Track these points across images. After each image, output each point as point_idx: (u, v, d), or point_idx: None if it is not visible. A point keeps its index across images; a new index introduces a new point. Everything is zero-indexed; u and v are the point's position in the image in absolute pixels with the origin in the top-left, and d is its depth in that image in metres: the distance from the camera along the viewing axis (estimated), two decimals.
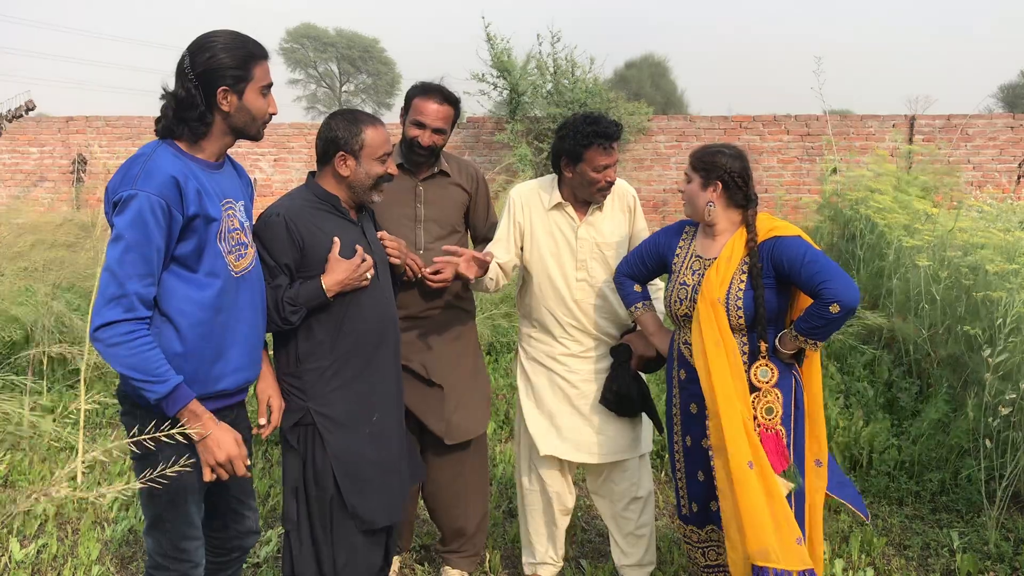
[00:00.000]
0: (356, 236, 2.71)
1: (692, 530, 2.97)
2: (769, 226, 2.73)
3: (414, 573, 3.59)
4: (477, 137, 13.83)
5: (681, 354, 2.91)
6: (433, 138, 3.16)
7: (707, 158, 2.79)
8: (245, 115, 2.36)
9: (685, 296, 2.82)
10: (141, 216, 2.15)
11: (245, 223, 2.47)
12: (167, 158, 2.25)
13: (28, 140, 14.29)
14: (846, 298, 2.53)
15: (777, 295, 2.72)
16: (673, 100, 37.28)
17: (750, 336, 2.74)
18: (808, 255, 2.62)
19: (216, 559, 2.60)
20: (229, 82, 2.30)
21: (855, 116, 13.57)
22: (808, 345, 2.66)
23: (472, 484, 3.42)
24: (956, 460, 4.40)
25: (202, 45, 2.30)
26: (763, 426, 2.68)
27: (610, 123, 3.06)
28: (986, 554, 3.67)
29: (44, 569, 3.57)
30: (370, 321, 2.69)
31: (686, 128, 13.55)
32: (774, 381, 2.70)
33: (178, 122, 2.30)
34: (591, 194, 3.13)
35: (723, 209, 2.78)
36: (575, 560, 3.68)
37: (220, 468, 2.31)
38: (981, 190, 11.00)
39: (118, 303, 2.16)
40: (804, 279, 2.61)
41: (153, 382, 2.17)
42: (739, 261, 2.73)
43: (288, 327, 2.59)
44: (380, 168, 2.68)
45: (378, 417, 2.70)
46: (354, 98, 50.04)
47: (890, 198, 7.15)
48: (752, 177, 2.80)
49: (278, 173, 13.91)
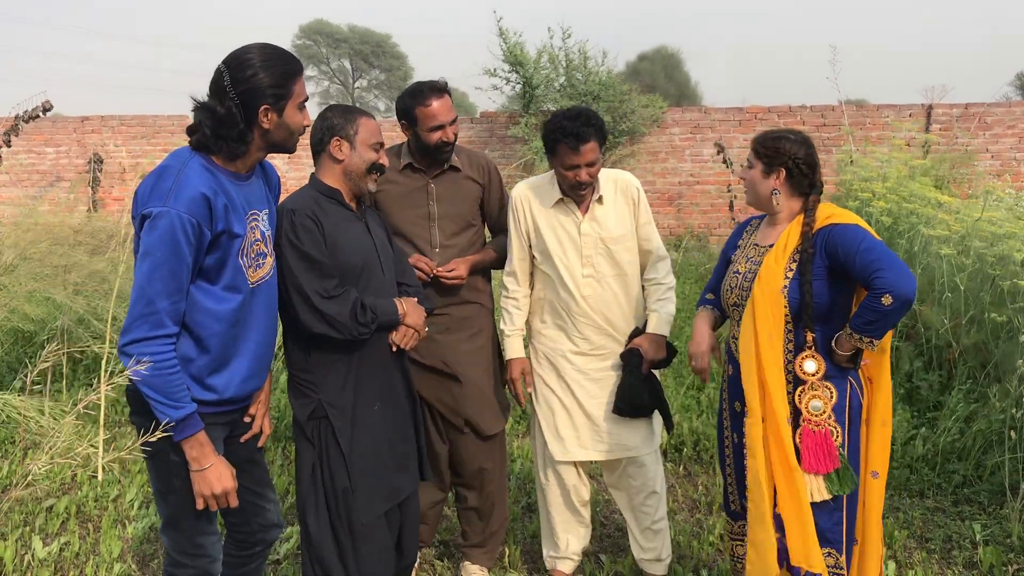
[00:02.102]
0: (360, 229, 2.74)
1: (742, 525, 2.86)
2: (827, 213, 2.59)
3: (434, 569, 3.59)
4: (491, 132, 13.80)
5: (731, 350, 2.84)
6: (454, 128, 3.19)
7: (770, 144, 2.67)
8: (284, 131, 2.36)
9: (736, 284, 2.74)
10: (172, 235, 2.15)
11: (267, 232, 2.46)
12: (198, 172, 2.23)
13: (44, 140, 14.37)
14: (900, 288, 2.35)
15: (830, 287, 2.55)
16: (687, 92, 37.14)
17: (796, 328, 2.60)
18: (864, 243, 2.45)
19: (240, 553, 2.62)
20: (271, 100, 2.29)
21: (871, 106, 13.43)
22: (864, 344, 2.48)
23: (496, 480, 3.42)
24: (979, 452, 4.36)
25: (243, 62, 2.27)
26: (808, 421, 2.56)
27: (583, 124, 2.97)
28: (1009, 547, 3.64)
29: (67, 567, 3.59)
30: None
31: (700, 120, 13.47)
32: (821, 374, 2.56)
33: (216, 139, 2.28)
34: (568, 191, 3.12)
35: (787, 197, 2.68)
36: (594, 555, 3.67)
37: (212, 500, 2.32)
38: (999, 179, 10.88)
39: (146, 320, 2.17)
40: (858, 268, 2.44)
41: (169, 405, 2.19)
42: (792, 249, 2.61)
43: (364, 336, 2.61)
44: (373, 155, 2.72)
45: (379, 406, 2.72)
46: (367, 94, 50.15)
47: (892, 184, 7.05)
48: (819, 164, 2.67)
49: (293, 171, 13.92)
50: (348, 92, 49.22)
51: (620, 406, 3.13)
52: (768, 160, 2.67)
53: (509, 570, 3.58)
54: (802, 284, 2.55)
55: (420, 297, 2.85)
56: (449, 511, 3.94)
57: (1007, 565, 3.52)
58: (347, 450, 2.65)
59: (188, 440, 2.24)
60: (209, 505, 2.33)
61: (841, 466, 2.55)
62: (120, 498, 4.26)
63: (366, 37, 48.46)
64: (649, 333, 3.18)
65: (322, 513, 2.68)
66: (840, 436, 2.57)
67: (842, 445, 2.57)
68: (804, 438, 2.55)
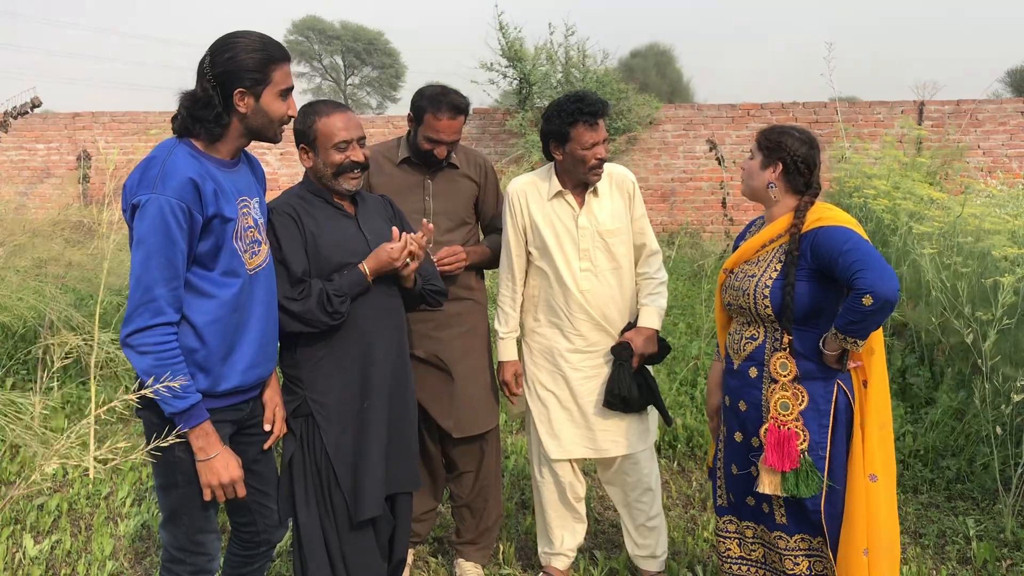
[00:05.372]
0: (349, 227, 2.71)
1: (728, 520, 2.86)
2: (817, 215, 2.57)
3: (428, 565, 3.59)
4: (484, 128, 13.78)
5: (728, 348, 2.82)
6: (451, 148, 3.18)
7: (773, 137, 2.67)
8: (262, 117, 2.35)
9: (728, 283, 2.75)
10: (163, 220, 2.15)
11: (260, 220, 2.47)
12: (184, 158, 2.24)
13: (35, 137, 14.30)
14: (880, 288, 2.32)
15: (814, 289, 2.54)
16: (679, 89, 37.13)
17: (780, 328, 2.60)
18: (848, 244, 2.43)
19: (244, 552, 2.62)
20: (247, 84, 2.29)
21: (863, 102, 13.48)
22: (849, 344, 2.45)
23: (490, 477, 3.42)
24: (971, 448, 4.37)
25: (224, 45, 2.29)
26: (774, 419, 2.58)
27: (595, 100, 3.03)
28: (1002, 542, 3.65)
29: (58, 565, 3.57)
30: (365, 309, 2.67)
31: (693, 117, 13.48)
32: (792, 376, 2.57)
33: (194, 121, 2.29)
34: (584, 174, 3.10)
35: (781, 193, 2.67)
36: (589, 551, 3.67)
37: (220, 489, 2.32)
38: (991, 175, 10.92)
39: (146, 308, 2.17)
40: (841, 269, 2.42)
41: (174, 395, 2.18)
42: (776, 248, 2.62)
43: (339, 320, 2.59)
44: (338, 156, 2.64)
45: (368, 404, 2.69)
46: (359, 91, 50.03)
47: (887, 183, 7.07)
48: (818, 166, 2.66)
49: (285, 167, 13.89)
50: (340, 89, 49.08)
51: (609, 399, 3.13)
52: (768, 152, 2.67)
53: (503, 566, 3.57)
54: (784, 286, 2.55)
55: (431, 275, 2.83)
56: (443, 508, 3.93)
57: (1000, 560, 3.52)
58: (332, 450, 2.64)
59: (194, 429, 2.24)
60: (216, 496, 2.32)
61: (800, 468, 2.54)
62: (112, 496, 4.24)
63: (358, 34, 48.31)
64: (640, 327, 3.17)
65: (312, 509, 2.68)
66: (806, 440, 2.56)
67: (809, 449, 2.56)
68: (768, 434, 2.58)
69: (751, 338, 2.68)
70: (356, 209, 2.77)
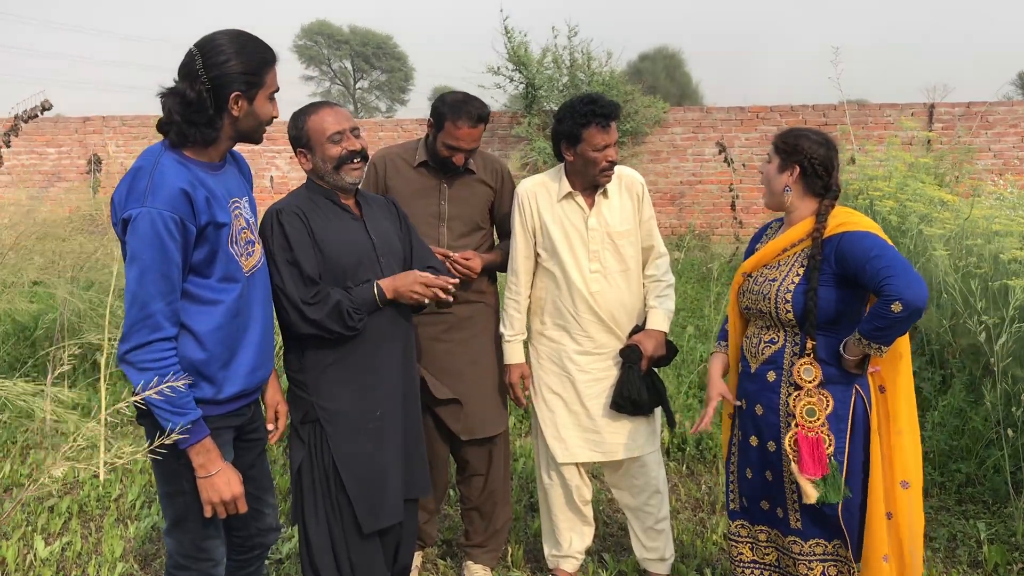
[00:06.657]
0: (356, 228, 2.70)
1: (741, 524, 2.85)
2: (840, 220, 2.54)
3: (437, 568, 3.59)
4: (492, 132, 13.78)
5: (743, 350, 2.80)
6: (468, 156, 3.19)
7: (790, 140, 2.64)
8: (253, 120, 2.32)
9: (747, 287, 2.71)
10: (155, 234, 2.11)
11: (251, 220, 2.44)
12: (172, 167, 2.19)
13: (46, 141, 14.38)
14: (909, 295, 2.30)
15: (838, 295, 2.52)
16: (688, 92, 37.14)
17: (802, 334, 2.58)
18: (874, 251, 2.40)
19: (238, 557, 2.60)
20: (242, 88, 2.25)
21: (873, 105, 13.42)
22: (872, 350, 2.43)
23: (499, 480, 3.42)
24: (982, 451, 4.34)
25: (216, 46, 2.23)
26: (801, 427, 2.54)
27: (607, 102, 3.03)
28: (1014, 545, 3.63)
29: (68, 567, 3.59)
30: (374, 315, 2.66)
31: (702, 120, 13.46)
32: (818, 382, 2.54)
33: (189, 126, 2.22)
34: (595, 176, 3.10)
35: (799, 197, 2.63)
36: (597, 554, 3.66)
37: (221, 506, 2.29)
38: (1001, 177, 10.86)
39: (143, 324, 2.13)
40: (868, 276, 2.39)
41: (173, 412, 2.16)
42: (797, 252, 2.60)
43: (353, 334, 2.59)
44: (335, 149, 2.63)
45: (381, 413, 2.68)
46: (368, 95, 50.17)
47: (892, 184, 7.03)
48: (837, 167, 2.63)
49: (294, 171, 13.92)
50: (349, 93, 49.23)
51: (618, 402, 3.12)
52: (785, 155, 2.64)
53: (512, 569, 3.57)
54: (807, 291, 2.52)
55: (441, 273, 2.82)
56: (452, 511, 3.93)
57: (1012, 564, 3.50)
58: (340, 459, 2.63)
59: (194, 447, 2.21)
60: (217, 512, 2.29)
61: (829, 474, 2.52)
62: (122, 498, 4.25)
63: (367, 38, 48.47)
64: (648, 329, 3.17)
65: (321, 516, 2.67)
66: (832, 444, 2.54)
67: (834, 454, 2.54)
68: (800, 443, 2.54)
69: (770, 342, 2.66)
70: (362, 211, 2.76)
